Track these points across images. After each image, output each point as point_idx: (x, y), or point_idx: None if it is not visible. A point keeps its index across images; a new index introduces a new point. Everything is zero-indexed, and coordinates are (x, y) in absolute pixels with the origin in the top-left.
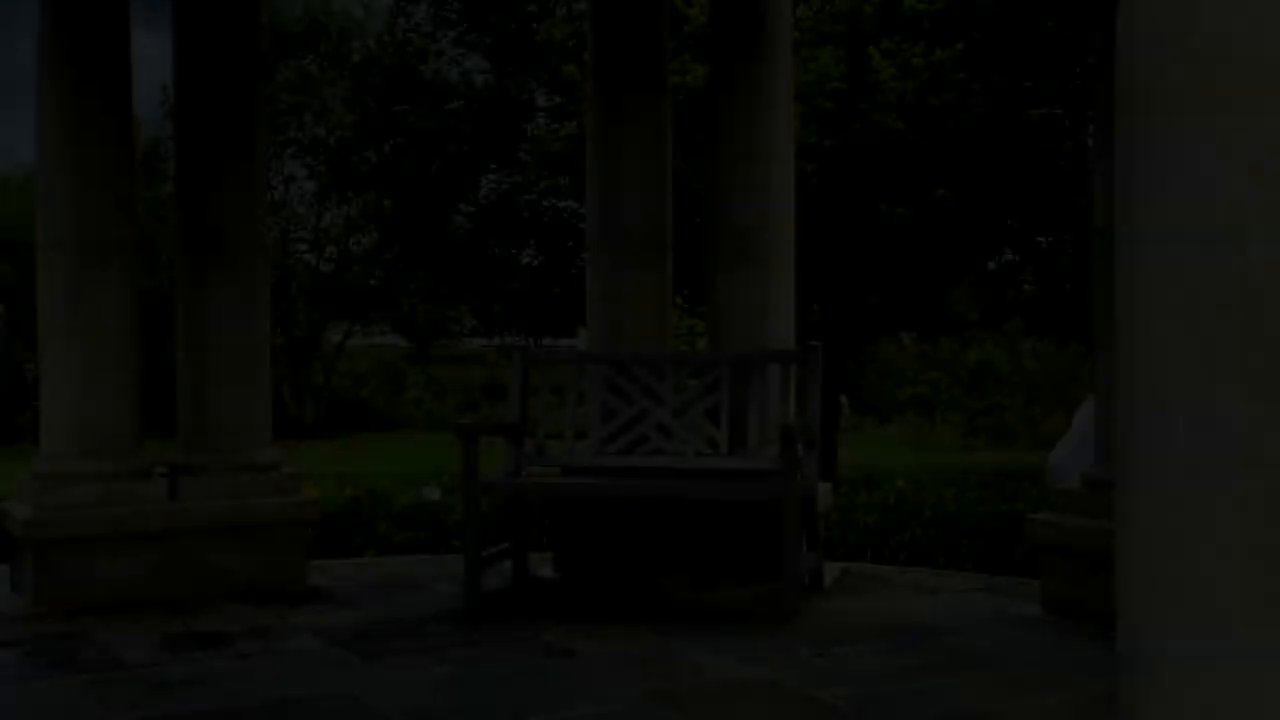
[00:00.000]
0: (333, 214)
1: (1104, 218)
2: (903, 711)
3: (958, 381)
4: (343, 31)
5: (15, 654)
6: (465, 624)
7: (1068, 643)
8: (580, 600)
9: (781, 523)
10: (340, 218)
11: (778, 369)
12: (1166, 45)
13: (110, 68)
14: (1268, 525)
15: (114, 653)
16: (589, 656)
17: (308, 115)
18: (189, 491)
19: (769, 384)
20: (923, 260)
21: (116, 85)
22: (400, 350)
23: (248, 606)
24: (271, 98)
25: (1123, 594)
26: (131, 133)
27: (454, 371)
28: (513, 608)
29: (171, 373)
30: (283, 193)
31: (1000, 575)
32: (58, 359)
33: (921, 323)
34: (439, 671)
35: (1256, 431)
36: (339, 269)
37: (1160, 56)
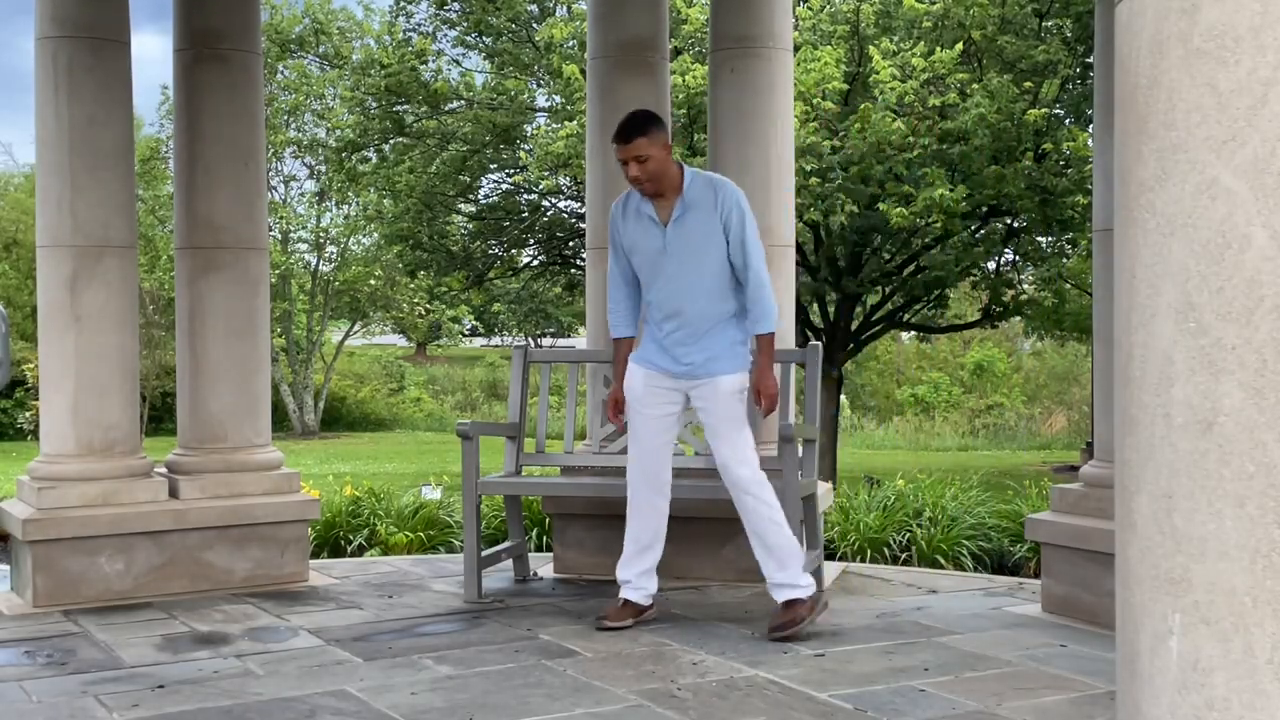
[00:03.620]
0: (333, 214)
1: (1104, 218)
2: (903, 711)
3: (958, 381)
4: (342, 31)
5: (15, 654)
6: (465, 624)
7: (1068, 642)
8: (579, 600)
9: None
10: (340, 218)
11: (778, 369)
12: (1165, 43)
13: (111, 67)
14: (1268, 525)
15: (114, 653)
16: (589, 656)
17: (308, 115)
18: (189, 491)
19: None
20: (922, 260)
21: (117, 84)
22: (400, 350)
23: (248, 606)
24: (271, 98)
25: (1122, 594)
26: (131, 132)
27: (454, 371)
28: (512, 608)
29: (171, 372)
30: (283, 193)
31: (1000, 575)
32: (57, 358)
33: (921, 323)
34: (439, 671)
35: (1256, 431)
36: (339, 269)
37: (1159, 55)
